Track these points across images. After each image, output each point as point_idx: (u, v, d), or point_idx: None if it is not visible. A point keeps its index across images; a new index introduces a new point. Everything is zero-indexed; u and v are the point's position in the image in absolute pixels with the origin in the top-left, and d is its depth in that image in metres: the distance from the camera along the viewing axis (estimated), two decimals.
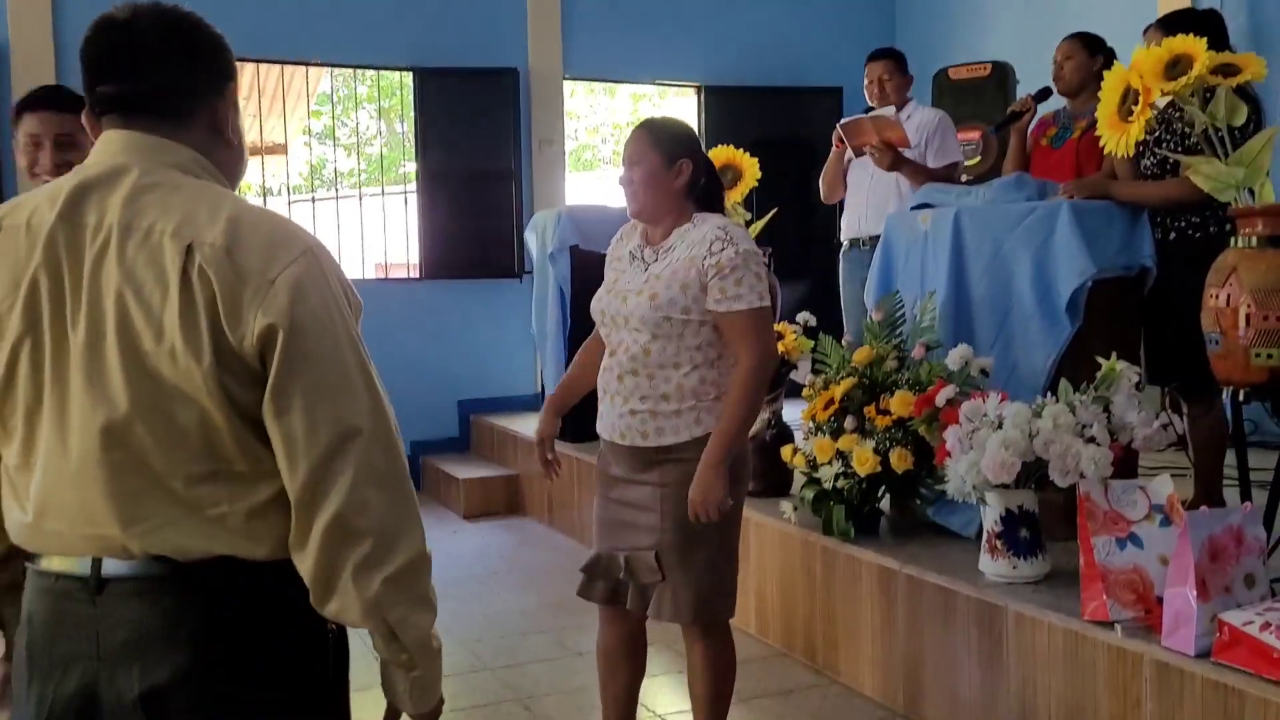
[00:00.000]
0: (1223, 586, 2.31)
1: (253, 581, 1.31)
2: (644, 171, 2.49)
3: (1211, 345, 2.63)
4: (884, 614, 3.21)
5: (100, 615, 1.29)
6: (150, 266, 1.25)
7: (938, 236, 3.60)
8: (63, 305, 1.28)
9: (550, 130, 7.11)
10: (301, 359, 1.26)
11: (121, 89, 1.33)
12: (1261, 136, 2.61)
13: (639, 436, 2.50)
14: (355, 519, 1.27)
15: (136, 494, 1.27)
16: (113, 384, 1.26)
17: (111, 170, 1.31)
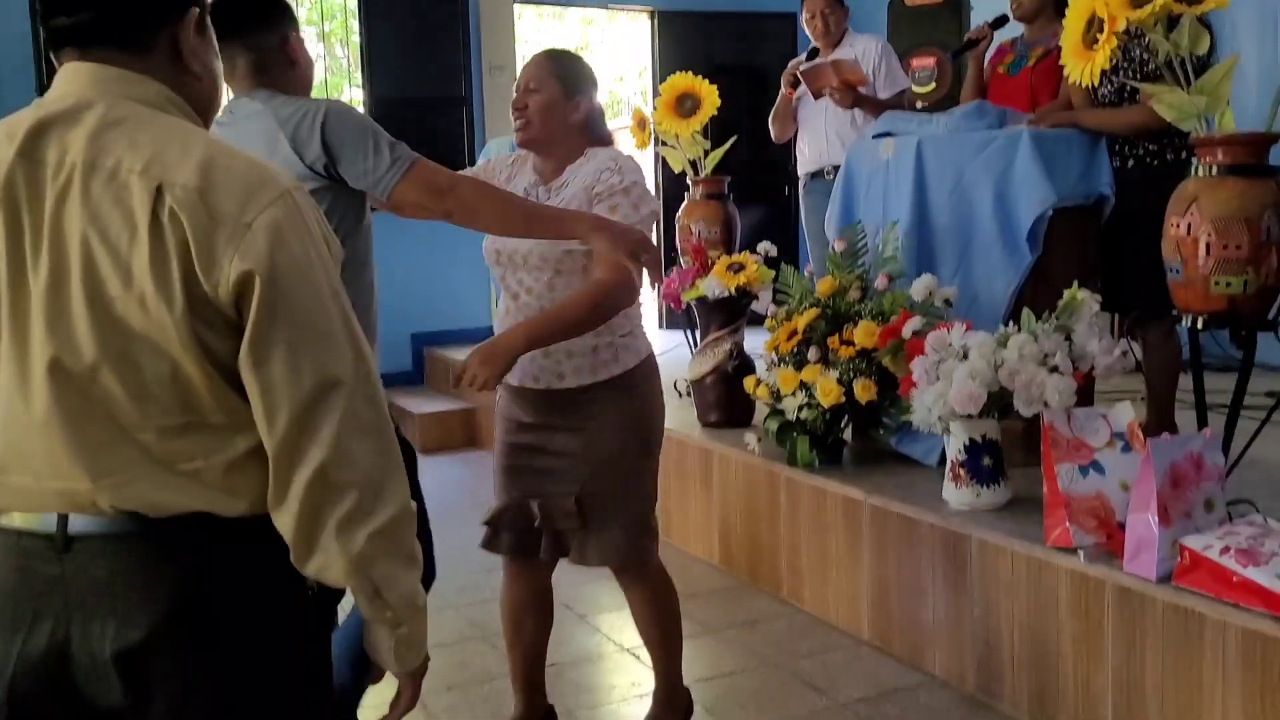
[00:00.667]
0: (1183, 512, 2.36)
1: (230, 538, 1.25)
2: (542, 100, 2.37)
3: (1172, 274, 2.66)
4: (849, 544, 3.26)
5: (68, 574, 1.23)
6: (116, 207, 1.18)
7: (899, 166, 3.59)
8: (21, 247, 1.21)
9: (501, 56, 6.97)
10: (281, 307, 1.20)
11: (75, 19, 1.25)
12: (1222, 66, 2.61)
13: (554, 379, 2.39)
14: (339, 472, 1.22)
15: (105, 446, 1.21)
16: (77, 331, 1.19)
17: (74, 105, 1.23)
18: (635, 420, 2.43)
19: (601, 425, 2.40)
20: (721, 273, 3.97)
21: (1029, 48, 4.16)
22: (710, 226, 4.61)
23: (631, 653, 3.24)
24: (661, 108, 4.51)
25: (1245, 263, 2.52)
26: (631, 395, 2.43)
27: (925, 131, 3.62)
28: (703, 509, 4.03)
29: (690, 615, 3.48)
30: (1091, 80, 2.64)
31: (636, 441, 2.44)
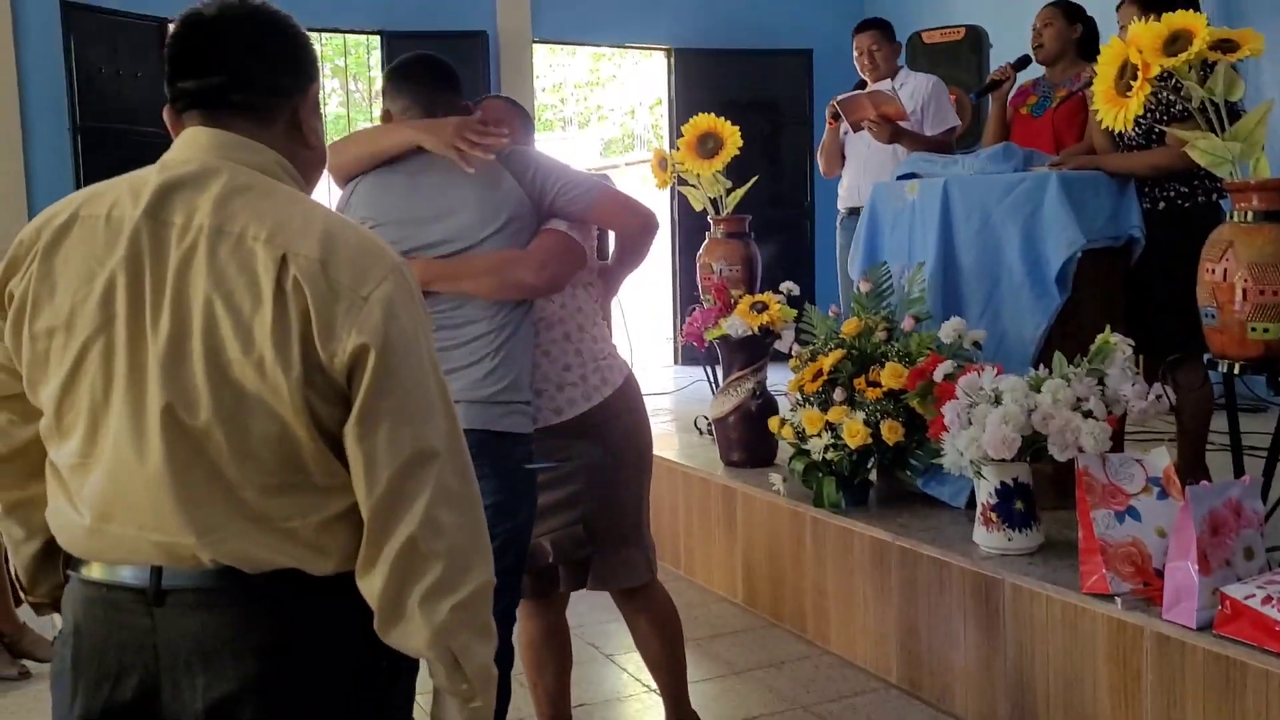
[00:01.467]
0: (1223, 560, 2.34)
1: (318, 594, 1.28)
2: None
3: (1207, 319, 2.66)
4: (877, 585, 3.24)
5: (159, 627, 1.25)
6: (242, 272, 1.22)
7: (926, 206, 3.60)
8: (141, 305, 1.24)
9: (519, 94, 7.01)
10: (391, 380, 1.23)
11: (204, 83, 1.30)
12: (1257, 112, 2.62)
13: (553, 414, 2.40)
14: (428, 542, 1.24)
15: (209, 501, 1.24)
16: (194, 388, 1.22)
17: (200, 170, 1.28)
18: (633, 435, 2.50)
19: (605, 447, 2.45)
20: (745, 312, 3.97)
21: (1052, 89, 4.18)
22: (731, 265, 4.62)
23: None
24: (684, 148, 4.53)
25: None
26: (625, 412, 2.49)
27: (951, 172, 3.63)
28: (725, 547, 4.00)
29: (715, 655, 3.48)
30: (1126, 126, 2.65)
31: (635, 456, 2.50)
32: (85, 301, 1.25)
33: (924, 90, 4.81)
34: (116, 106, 6.07)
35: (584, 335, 2.45)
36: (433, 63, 2.40)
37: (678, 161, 4.65)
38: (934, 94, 4.82)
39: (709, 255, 4.72)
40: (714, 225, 4.75)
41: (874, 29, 4.90)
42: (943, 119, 4.81)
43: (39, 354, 1.28)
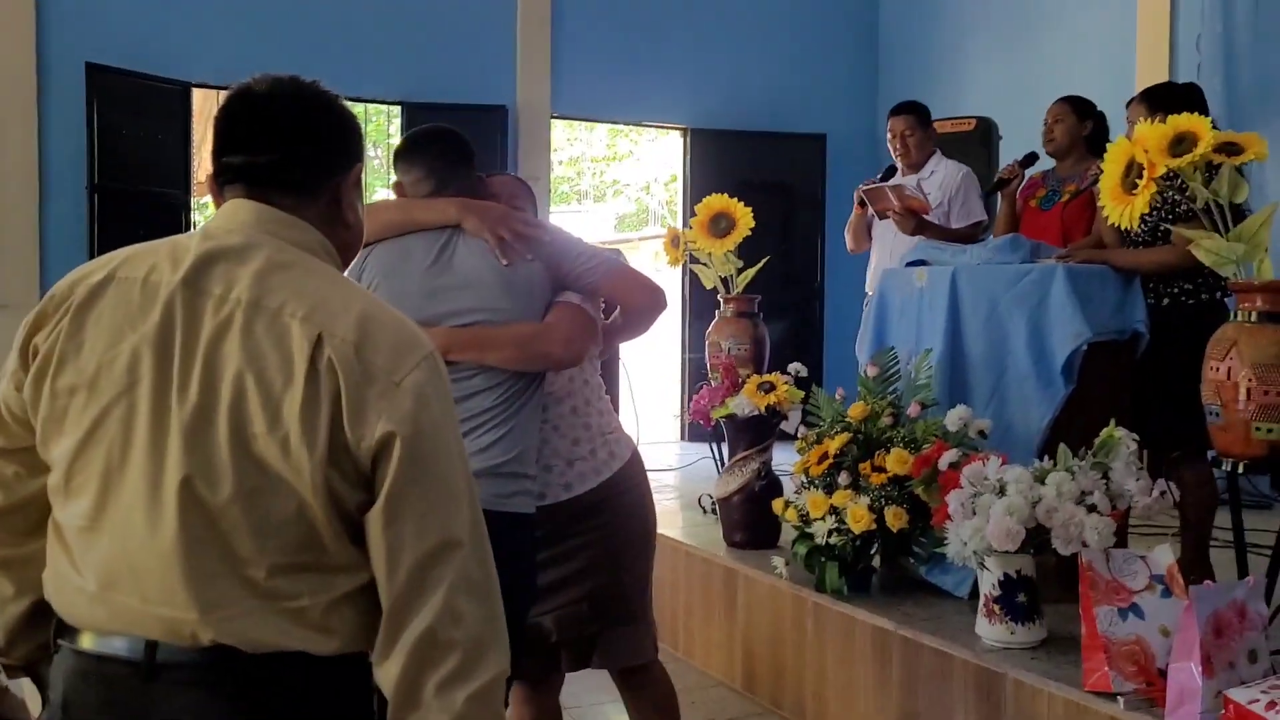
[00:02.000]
0: (1227, 662, 2.32)
1: (317, 677, 1.26)
2: None
3: (1211, 417, 2.66)
4: (878, 675, 3.20)
5: (151, 704, 1.23)
6: (277, 348, 1.22)
7: (934, 294, 3.62)
8: (169, 373, 1.23)
9: (536, 168, 7.13)
10: (418, 469, 1.23)
11: (251, 159, 1.32)
12: (1261, 214, 2.65)
13: (562, 490, 2.41)
14: (447, 631, 1.23)
15: (218, 578, 1.22)
16: (216, 462, 1.21)
17: (243, 244, 1.29)
18: (639, 511, 2.51)
19: (613, 522, 2.45)
20: (752, 391, 3.99)
21: (1061, 183, 4.24)
22: (740, 344, 4.65)
23: None
24: (697, 227, 4.59)
25: None
26: (631, 487, 2.50)
27: (959, 261, 3.66)
28: (725, 630, 3.97)
29: None
30: (1131, 224, 2.69)
31: (641, 532, 2.51)
32: (112, 363, 1.25)
33: (954, 181, 4.70)
34: (136, 168, 6.16)
35: (590, 409, 2.46)
36: (447, 136, 2.40)
37: (690, 240, 4.71)
38: (963, 186, 4.69)
39: (718, 333, 4.76)
40: (724, 304, 4.80)
41: (910, 113, 4.79)
42: (969, 212, 4.68)
43: (58, 410, 1.27)
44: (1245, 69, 5.64)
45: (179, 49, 6.22)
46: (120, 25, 6.08)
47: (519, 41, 7.07)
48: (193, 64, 6.27)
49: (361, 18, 6.66)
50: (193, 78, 6.30)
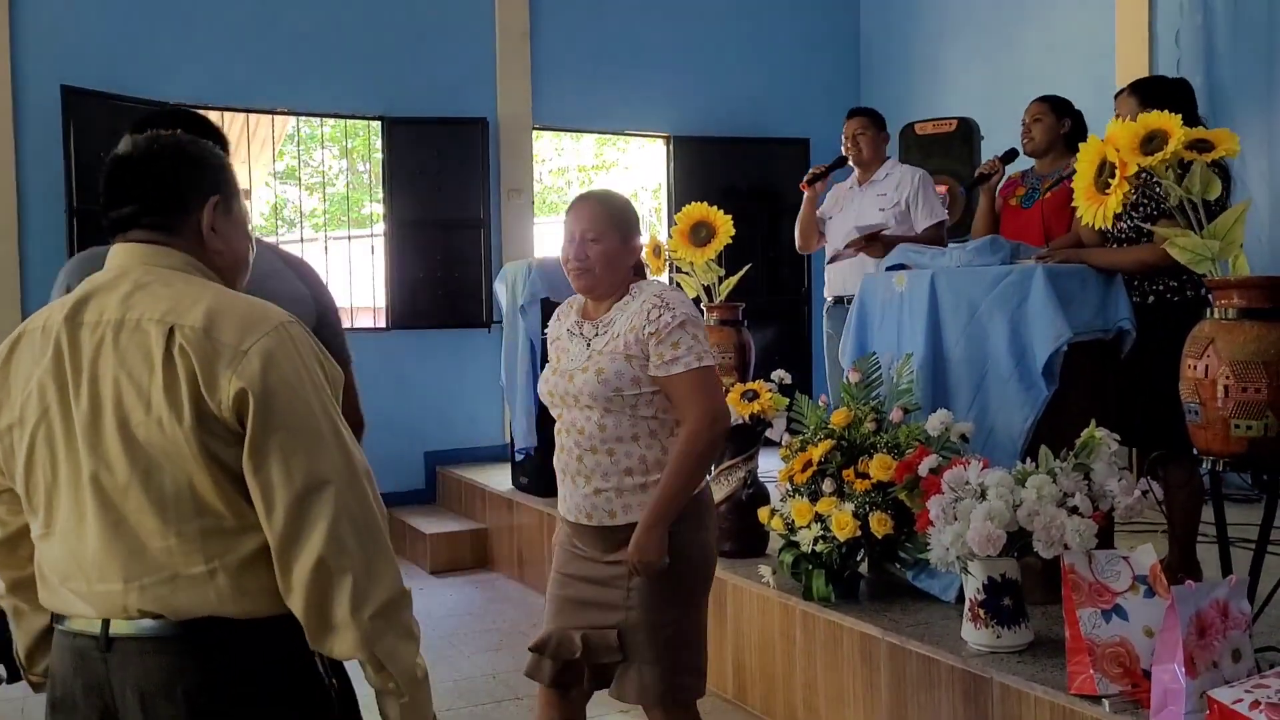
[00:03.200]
0: (1210, 662, 2.30)
1: (246, 640, 1.46)
2: (604, 249, 2.42)
3: (1191, 416, 2.65)
4: (866, 681, 3.19)
5: (110, 670, 1.46)
6: (139, 350, 1.45)
7: (914, 298, 3.61)
8: (66, 393, 1.48)
9: (519, 180, 7.12)
10: (274, 418, 1.42)
11: (121, 211, 1.57)
12: (1234, 210, 2.64)
13: (606, 516, 2.42)
14: (337, 559, 1.42)
15: (136, 553, 1.44)
16: (110, 453, 1.44)
17: (115, 277, 1.53)
18: (681, 556, 2.40)
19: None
20: (735, 400, 3.97)
21: (1040, 181, 4.24)
22: (724, 352, 4.63)
23: None
24: (677, 236, 4.58)
25: (1265, 405, 2.50)
26: (679, 530, 2.40)
27: (938, 264, 3.65)
28: (714, 640, 3.93)
29: None
30: (1105, 223, 2.67)
31: (682, 578, 2.41)
32: (29, 399, 1.50)
33: (910, 183, 4.85)
34: None
35: (653, 442, 2.42)
36: None
37: (671, 249, 4.70)
38: (921, 187, 4.85)
39: None
40: (707, 313, 4.78)
41: (863, 115, 4.99)
42: (931, 212, 4.84)
43: (7, 449, 1.54)
44: (1224, 63, 5.65)
45: (155, 69, 6.21)
46: (95, 47, 6.07)
47: (498, 53, 7.06)
48: (170, 84, 6.25)
49: (340, 33, 6.66)
50: (170, 98, 6.28)
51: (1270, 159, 5.32)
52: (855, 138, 4.92)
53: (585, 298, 2.53)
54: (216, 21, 6.38)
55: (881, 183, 4.92)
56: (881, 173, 4.93)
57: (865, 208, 4.91)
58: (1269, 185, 5.27)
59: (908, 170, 4.97)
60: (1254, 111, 5.43)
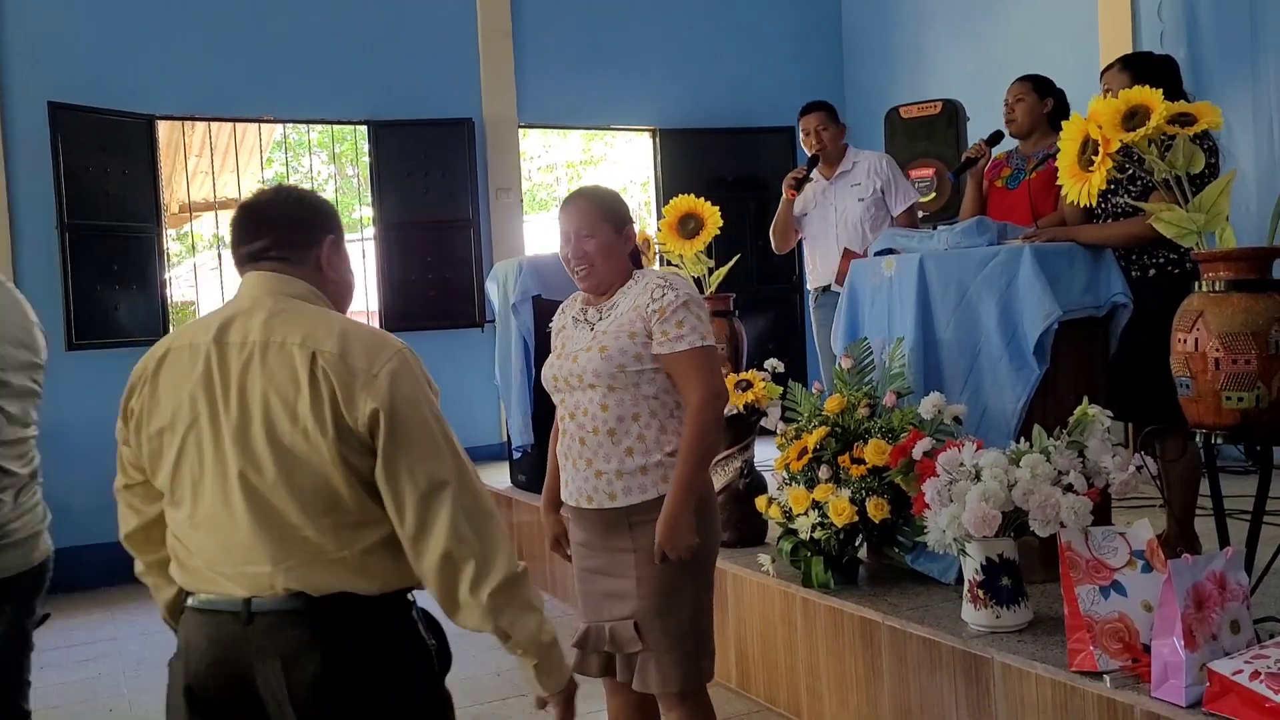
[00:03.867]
0: (1209, 634, 2.31)
1: (367, 611, 1.74)
2: (599, 244, 2.49)
3: (1182, 389, 2.65)
4: (868, 666, 3.19)
5: (251, 639, 1.71)
6: (285, 368, 1.72)
7: (903, 282, 3.61)
8: (215, 404, 1.74)
9: (507, 178, 7.12)
10: (400, 431, 1.70)
11: (254, 246, 1.86)
12: (1219, 183, 2.63)
13: (606, 498, 2.46)
14: (456, 550, 1.69)
15: (280, 540, 1.71)
16: (260, 455, 1.71)
17: (252, 305, 1.80)
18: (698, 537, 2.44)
19: (653, 545, 2.42)
20: (730, 391, 3.97)
21: (1025, 161, 4.24)
22: (717, 344, 4.61)
23: None
24: (665, 229, 4.57)
25: (1255, 377, 2.51)
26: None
27: (926, 248, 3.65)
28: (717, 631, 3.92)
29: None
30: (1090, 201, 2.67)
31: (689, 564, 2.43)
32: (180, 406, 1.77)
33: (881, 169, 4.96)
34: (104, 204, 6.13)
35: (653, 421, 2.46)
36: None
37: (660, 242, 4.69)
38: (892, 172, 4.98)
39: None
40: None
41: (819, 110, 5.06)
42: (905, 194, 4.97)
43: (154, 450, 1.81)
44: (1207, 35, 5.64)
45: (140, 82, 6.20)
46: (80, 62, 6.06)
47: (481, 54, 7.05)
48: (155, 96, 6.25)
49: (322, 40, 6.65)
50: (156, 110, 6.28)
51: (1256, 131, 5.32)
52: (817, 132, 4.99)
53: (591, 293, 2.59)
54: (201, 33, 6.36)
55: (851, 173, 5.01)
56: (847, 162, 5.03)
57: (844, 201, 4.99)
58: (1255, 157, 5.27)
59: (873, 156, 5.07)
60: (1238, 84, 5.43)
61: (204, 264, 11.57)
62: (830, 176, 5.04)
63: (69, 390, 6.01)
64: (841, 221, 4.93)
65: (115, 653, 4.84)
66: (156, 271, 6.28)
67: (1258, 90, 5.33)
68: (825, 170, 5.05)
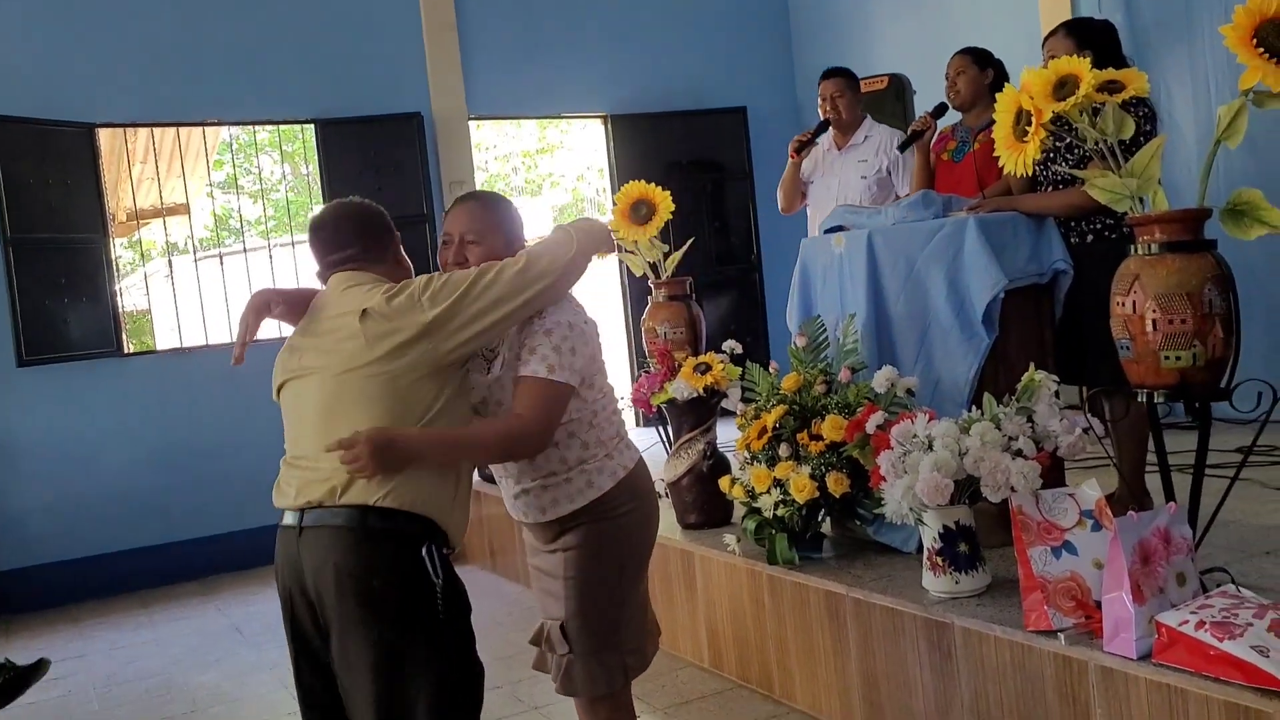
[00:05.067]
0: (1156, 588, 2.38)
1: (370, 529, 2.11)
2: (484, 252, 2.35)
3: (1123, 351, 2.71)
4: (835, 638, 3.25)
5: (301, 552, 2.18)
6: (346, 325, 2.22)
7: (853, 259, 3.66)
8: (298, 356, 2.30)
9: (460, 171, 7.10)
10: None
11: (331, 258, 2.38)
12: (1150, 147, 2.69)
13: (538, 513, 2.43)
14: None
15: None
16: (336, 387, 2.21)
17: (329, 291, 2.36)
18: (611, 544, 2.42)
19: (580, 551, 2.41)
20: (689, 374, 4.01)
21: (970, 133, 4.29)
22: (675, 328, 4.66)
23: None
24: (618, 216, 4.59)
25: (1192, 336, 2.57)
26: (607, 518, 2.42)
27: (875, 223, 3.70)
28: (688, 612, 4.01)
29: None
30: (1026, 170, 2.72)
31: (612, 565, 2.42)
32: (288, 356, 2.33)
33: (892, 148, 4.82)
34: (48, 216, 6.05)
35: (571, 440, 2.39)
36: None
37: (613, 229, 4.71)
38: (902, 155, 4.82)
39: (652, 319, 4.77)
40: (655, 289, 4.81)
41: (839, 76, 4.96)
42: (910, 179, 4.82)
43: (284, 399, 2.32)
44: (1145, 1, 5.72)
45: (79, 91, 6.13)
46: (16, 73, 5.98)
47: (427, 47, 7.02)
48: (95, 105, 6.18)
49: (263, 41, 6.60)
50: (96, 119, 6.21)
51: (1194, 94, 5.41)
52: (833, 99, 4.89)
53: None
54: (138, 39, 6.30)
55: (861, 147, 4.91)
56: (860, 135, 4.93)
57: (847, 176, 4.93)
58: (1194, 120, 5.36)
59: (886, 132, 4.95)
60: (1176, 47, 5.52)
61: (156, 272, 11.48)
62: (842, 146, 4.97)
63: (21, 406, 5.97)
64: (842, 194, 4.85)
65: (84, 670, 4.81)
66: (106, 282, 6.22)
67: (1194, 54, 5.42)
68: (838, 138, 4.97)
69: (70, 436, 6.07)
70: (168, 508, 6.25)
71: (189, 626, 5.34)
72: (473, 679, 2.24)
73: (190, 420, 6.34)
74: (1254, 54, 2.44)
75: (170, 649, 4.98)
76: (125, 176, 7.80)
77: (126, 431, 6.21)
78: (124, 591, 6.09)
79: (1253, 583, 2.69)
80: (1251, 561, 2.98)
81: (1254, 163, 4.96)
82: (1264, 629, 2.19)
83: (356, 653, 2.12)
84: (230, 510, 6.24)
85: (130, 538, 6.16)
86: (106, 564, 6.09)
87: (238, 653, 4.82)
